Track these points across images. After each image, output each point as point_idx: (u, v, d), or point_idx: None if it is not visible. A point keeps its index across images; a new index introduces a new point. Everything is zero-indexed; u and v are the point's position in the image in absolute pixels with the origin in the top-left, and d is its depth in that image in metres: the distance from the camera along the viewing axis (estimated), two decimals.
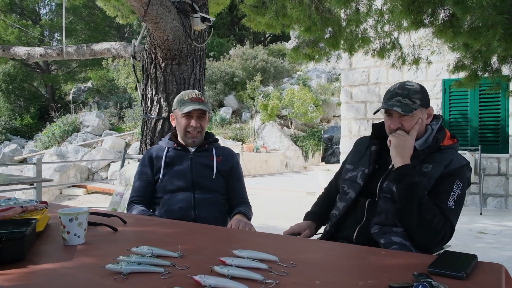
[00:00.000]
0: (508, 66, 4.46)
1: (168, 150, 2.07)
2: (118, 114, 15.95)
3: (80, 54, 4.03)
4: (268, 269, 1.06)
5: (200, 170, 2.04)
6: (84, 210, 1.36)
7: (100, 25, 21.39)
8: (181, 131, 2.06)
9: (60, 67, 21.16)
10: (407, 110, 1.63)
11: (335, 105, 15.41)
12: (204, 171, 2.05)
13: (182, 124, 2.05)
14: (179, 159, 2.06)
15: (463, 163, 1.62)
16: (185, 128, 2.04)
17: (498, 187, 6.56)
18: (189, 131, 2.04)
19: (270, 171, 12.29)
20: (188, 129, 2.04)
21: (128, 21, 6.77)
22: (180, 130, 2.07)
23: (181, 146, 2.08)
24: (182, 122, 2.05)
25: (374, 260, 1.17)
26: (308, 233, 1.89)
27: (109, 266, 1.04)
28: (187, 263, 1.11)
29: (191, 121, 2.02)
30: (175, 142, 2.09)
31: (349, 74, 8.05)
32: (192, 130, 2.03)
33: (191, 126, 2.02)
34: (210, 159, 2.09)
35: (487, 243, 4.44)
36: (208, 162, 2.08)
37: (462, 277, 1.00)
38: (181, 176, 2.01)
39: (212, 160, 2.09)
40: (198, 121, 2.04)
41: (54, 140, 13.97)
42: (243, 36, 24.94)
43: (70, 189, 10.37)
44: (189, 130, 2.04)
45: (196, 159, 2.07)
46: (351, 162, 1.89)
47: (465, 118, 6.83)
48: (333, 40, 4.90)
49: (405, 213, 1.56)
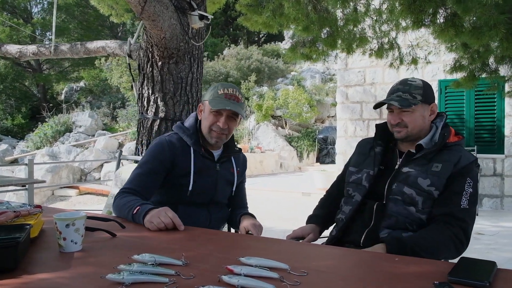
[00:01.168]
0: (505, 66, 4.45)
1: (195, 155, 1.81)
2: (111, 114, 15.80)
3: (74, 53, 3.94)
4: (280, 279, 1.00)
5: (223, 187, 1.89)
6: (81, 215, 1.28)
7: (92, 24, 21.21)
8: (206, 127, 1.79)
9: (52, 66, 20.94)
10: (405, 104, 1.61)
11: (330, 105, 15.41)
12: (226, 188, 1.91)
13: (208, 121, 1.78)
14: (205, 170, 1.82)
15: (471, 160, 1.59)
16: (211, 125, 1.78)
17: (493, 188, 6.57)
18: (214, 130, 1.78)
19: (265, 171, 12.24)
20: (213, 127, 1.78)
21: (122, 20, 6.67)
22: (205, 126, 1.80)
23: (208, 153, 1.84)
24: (209, 119, 1.78)
25: (388, 267, 1.12)
26: (312, 237, 1.84)
27: (109, 276, 0.97)
28: (193, 272, 1.05)
29: (220, 119, 1.76)
30: (202, 145, 1.84)
31: (345, 75, 8.02)
32: (218, 130, 1.77)
33: (218, 126, 1.76)
34: (231, 171, 1.92)
35: (485, 244, 4.43)
36: (230, 177, 1.92)
37: (485, 286, 0.95)
38: (204, 192, 1.82)
39: (233, 173, 1.93)
40: (227, 121, 1.77)
41: (46, 140, 13.80)
42: (237, 36, 24.88)
43: (62, 190, 10.23)
44: (215, 129, 1.78)
45: (221, 175, 1.87)
46: (354, 164, 1.84)
47: (461, 119, 6.83)
48: (330, 39, 4.85)
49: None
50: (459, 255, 1.51)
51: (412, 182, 1.58)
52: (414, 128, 1.64)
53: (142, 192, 1.74)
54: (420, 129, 1.65)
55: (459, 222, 1.51)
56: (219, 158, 1.88)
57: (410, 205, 1.58)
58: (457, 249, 1.53)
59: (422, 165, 1.60)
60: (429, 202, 1.56)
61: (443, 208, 1.54)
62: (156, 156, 1.78)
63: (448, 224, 1.51)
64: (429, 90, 1.68)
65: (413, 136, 1.65)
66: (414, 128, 1.64)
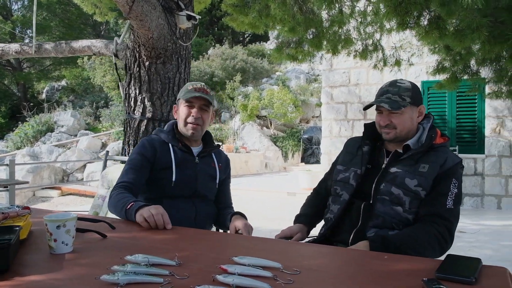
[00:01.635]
0: (486, 68, 4.57)
1: (174, 150, 1.92)
2: (94, 114, 15.58)
3: (59, 52, 3.88)
4: (273, 277, 1.02)
5: (204, 180, 1.94)
6: (72, 216, 1.28)
7: (75, 23, 20.86)
8: (182, 121, 1.92)
9: (32, 65, 20.52)
10: (395, 106, 1.64)
11: (314, 105, 15.52)
12: (208, 181, 1.96)
13: (183, 114, 1.91)
14: (184, 164, 1.91)
15: (456, 161, 1.63)
16: (185, 118, 1.90)
17: (474, 187, 6.73)
18: (189, 121, 1.89)
19: (250, 171, 12.26)
20: (188, 119, 1.90)
21: (106, 19, 6.59)
22: (181, 120, 1.93)
23: (186, 147, 1.94)
24: (183, 112, 1.91)
25: (378, 265, 1.14)
26: (300, 237, 1.86)
27: (104, 277, 0.97)
28: (186, 271, 1.06)
29: (193, 110, 1.89)
30: (180, 141, 1.94)
31: (329, 75, 8.10)
32: (192, 120, 1.89)
33: (192, 117, 1.88)
34: (212, 165, 2.00)
35: (466, 242, 4.53)
36: (212, 171, 1.99)
37: (471, 282, 0.98)
38: (185, 184, 1.88)
39: (214, 168, 2.00)
40: (200, 112, 1.90)
41: (27, 140, 13.52)
42: (222, 36, 24.82)
43: (44, 190, 10.05)
44: (189, 121, 1.89)
45: (200, 167, 1.95)
46: (342, 163, 1.86)
47: (443, 119, 6.97)
48: (316, 40, 4.90)
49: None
50: (444, 253, 1.55)
51: (400, 182, 1.61)
52: (402, 129, 1.67)
53: (134, 184, 1.83)
54: (408, 130, 1.68)
55: (444, 221, 1.55)
56: (198, 154, 1.96)
57: (397, 205, 1.61)
58: (441, 248, 1.57)
59: (409, 166, 1.63)
60: (416, 202, 1.59)
61: (429, 208, 1.58)
62: (139, 152, 1.89)
63: (433, 223, 1.55)
64: (417, 92, 1.71)
65: (401, 137, 1.69)
66: (402, 130, 1.67)
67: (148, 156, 1.87)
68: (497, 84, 4.43)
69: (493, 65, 4.17)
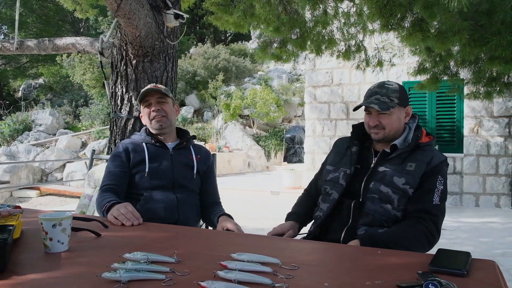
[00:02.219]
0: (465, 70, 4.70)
1: (147, 146, 1.99)
2: (74, 113, 15.28)
3: (41, 49, 3.80)
4: (273, 272, 1.04)
5: (181, 170, 1.99)
6: (68, 215, 1.27)
7: (52, 19, 20.39)
8: (147, 120, 2.01)
9: (8, 62, 19.96)
10: (384, 107, 1.68)
11: (297, 105, 15.61)
12: (184, 171, 2.00)
13: (145, 114, 2.01)
14: (159, 156, 1.98)
15: (442, 159, 1.69)
16: (148, 116, 1.99)
17: (453, 185, 6.91)
18: (152, 117, 1.98)
19: (233, 171, 12.25)
20: (150, 116, 1.98)
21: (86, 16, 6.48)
22: (147, 121, 2.02)
23: (160, 143, 2.01)
24: (145, 112, 2.01)
25: (373, 260, 1.18)
26: (292, 234, 1.88)
27: (105, 274, 0.97)
28: (187, 268, 1.07)
29: (151, 107, 1.98)
30: (153, 138, 2.01)
31: (312, 75, 8.17)
32: (154, 114, 1.97)
33: (152, 112, 1.97)
34: (190, 157, 2.05)
35: (447, 239, 4.66)
36: (188, 161, 2.03)
37: (463, 274, 1.03)
38: (162, 174, 1.94)
39: (192, 159, 2.05)
40: (159, 105, 1.98)
41: (3, 139, 13.17)
42: (204, 35, 24.70)
43: (21, 191, 9.81)
44: (152, 116, 1.98)
45: (176, 158, 2.01)
46: (331, 163, 1.90)
47: (423, 120, 7.13)
48: (300, 41, 4.94)
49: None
50: (431, 248, 1.60)
51: (388, 181, 1.66)
52: (391, 130, 1.72)
53: (117, 185, 1.91)
54: (396, 130, 1.73)
55: (431, 216, 1.61)
56: (173, 147, 2.03)
57: (387, 203, 1.65)
58: (429, 242, 1.61)
59: (397, 165, 1.68)
60: (404, 200, 1.64)
61: (416, 205, 1.63)
62: (115, 154, 1.99)
63: (421, 219, 1.60)
64: (405, 93, 1.76)
65: (389, 138, 1.74)
66: (391, 130, 1.72)
67: (123, 156, 1.95)
68: (475, 85, 4.57)
69: (471, 67, 4.30)
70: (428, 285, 0.91)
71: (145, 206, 1.88)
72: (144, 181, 1.92)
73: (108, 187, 1.88)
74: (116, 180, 1.91)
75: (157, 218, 1.79)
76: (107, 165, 2.00)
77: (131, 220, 1.58)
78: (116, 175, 1.92)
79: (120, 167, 1.94)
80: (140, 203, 1.89)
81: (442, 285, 0.91)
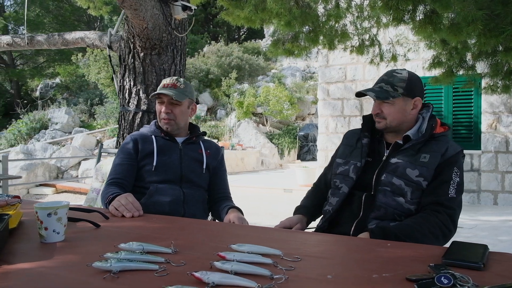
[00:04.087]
0: (482, 63, 4.55)
1: (156, 139, 1.96)
2: (89, 111, 15.47)
3: (51, 44, 3.80)
4: (274, 264, 0.98)
5: (190, 164, 1.95)
6: (64, 203, 1.23)
7: (68, 19, 20.69)
8: (158, 117, 2.00)
9: (26, 62, 20.34)
10: (381, 96, 1.61)
11: (310, 103, 15.49)
12: (193, 165, 1.96)
13: (157, 111, 2.00)
14: (167, 150, 1.94)
15: (458, 150, 1.60)
16: (159, 114, 1.98)
17: (471, 183, 6.73)
18: (161, 117, 1.96)
19: (246, 169, 12.21)
20: (161, 115, 1.96)
21: (100, 13, 6.52)
22: (157, 116, 2.01)
23: (169, 136, 1.97)
24: (157, 109, 2.00)
25: (382, 252, 1.11)
26: (300, 227, 1.81)
27: (96, 264, 0.93)
28: (183, 259, 1.01)
29: (163, 106, 1.94)
30: (162, 131, 1.98)
31: (326, 71, 8.06)
32: (163, 116, 1.94)
33: (163, 113, 1.94)
34: (199, 152, 2.00)
35: (464, 237, 4.52)
36: (198, 155, 1.99)
37: (479, 267, 0.95)
38: (170, 167, 1.90)
39: (201, 154, 2.00)
40: (170, 107, 1.93)
41: (20, 137, 13.39)
42: (217, 33, 24.73)
43: (38, 188, 9.95)
44: (161, 116, 1.96)
45: (185, 152, 1.97)
46: (341, 156, 1.82)
47: (439, 115, 6.96)
48: (313, 35, 4.86)
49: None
50: (446, 242, 1.51)
51: (401, 173, 1.58)
52: (392, 120, 1.64)
53: (123, 179, 1.87)
54: (400, 122, 1.65)
55: (447, 209, 1.52)
56: (182, 141, 2.00)
57: (399, 196, 1.57)
58: (444, 236, 1.53)
59: (410, 156, 1.60)
60: (418, 193, 1.56)
61: (431, 197, 1.55)
62: (123, 147, 1.96)
63: (435, 212, 1.51)
64: (415, 84, 1.66)
65: (392, 128, 1.66)
66: (392, 121, 1.64)
67: (131, 149, 1.92)
68: (492, 78, 4.41)
69: (488, 60, 4.15)
70: (441, 278, 0.83)
71: (150, 199, 1.84)
72: (151, 174, 1.89)
73: (114, 181, 1.84)
74: (123, 174, 1.87)
75: (162, 212, 1.75)
76: (115, 159, 1.97)
77: (131, 211, 1.54)
78: (123, 169, 1.89)
79: (128, 160, 1.91)
80: (145, 196, 1.85)
81: (456, 278, 0.83)
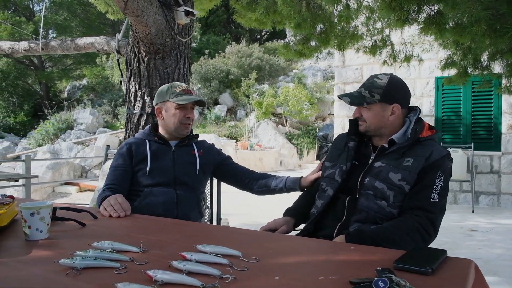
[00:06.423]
0: (498, 63, 4.43)
1: (150, 143, 2.02)
2: (113, 112, 15.88)
3: (64, 49, 3.97)
4: (229, 264, 1.02)
5: (183, 167, 2.01)
6: (47, 204, 1.32)
7: (94, 22, 21.28)
8: (175, 123, 1.99)
9: (54, 64, 21.04)
10: (355, 102, 1.66)
11: (331, 103, 15.39)
12: (186, 168, 2.02)
13: (176, 117, 1.98)
14: (161, 153, 2.01)
15: (443, 154, 1.59)
16: (180, 120, 1.99)
17: (490, 185, 6.55)
18: (184, 122, 2.00)
19: (265, 169, 12.25)
20: (182, 121, 1.99)
21: (118, 17, 6.71)
22: (174, 122, 1.99)
23: (162, 140, 2.04)
24: (176, 115, 1.98)
25: (340, 255, 1.14)
26: (285, 229, 1.85)
27: (62, 261, 1.00)
28: (148, 258, 1.08)
29: (187, 112, 1.99)
30: (155, 135, 2.05)
31: (342, 72, 8.02)
32: (188, 121, 2.01)
33: (187, 118, 1.99)
34: (192, 153, 2.06)
35: (477, 241, 4.43)
36: (190, 157, 2.05)
37: (427, 272, 0.97)
38: (163, 171, 1.97)
39: (194, 155, 2.06)
40: (192, 112, 2.04)
41: (48, 137, 13.89)
42: (239, 34, 24.88)
43: (63, 187, 10.31)
44: (184, 122, 2.00)
45: (178, 154, 2.03)
46: (329, 159, 1.85)
47: (458, 116, 6.81)
48: (324, 36, 4.86)
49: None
50: (426, 246, 1.52)
51: (384, 177, 1.59)
52: (371, 124, 1.66)
53: (118, 184, 1.93)
54: (378, 127, 1.66)
55: (427, 213, 1.52)
56: (175, 145, 2.05)
57: (382, 199, 1.58)
58: (424, 240, 1.53)
59: (394, 160, 1.61)
60: (400, 196, 1.57)
61: (412, 201, 1.55)
62: (119, 153, 2.03)
63: (415, 216, 1.52)
64: (395, 90, 1.67)
65: (372, 132, 1.68)
66: (371, 125, 1.66)
67: (126, 155, 1.99)
68: (508, 79, 4.30)
69: (503, 59, 4.05)
70: (378, 281, 0.86)
71: (144, 201, 1.92)
72: (146, 178, 1.96)
73: (110, 187, 1.91)
74: (117, 180, 1.94)
75: (155, 214, 1.81)
76: (111, 164, 2.05)
77: (118, 211, 1.62)
78: (118, 175, 1.96)
79: (123, 166, 1.98)
80: (139, 198, 1.93)
81: (393, 282, 0.86)
